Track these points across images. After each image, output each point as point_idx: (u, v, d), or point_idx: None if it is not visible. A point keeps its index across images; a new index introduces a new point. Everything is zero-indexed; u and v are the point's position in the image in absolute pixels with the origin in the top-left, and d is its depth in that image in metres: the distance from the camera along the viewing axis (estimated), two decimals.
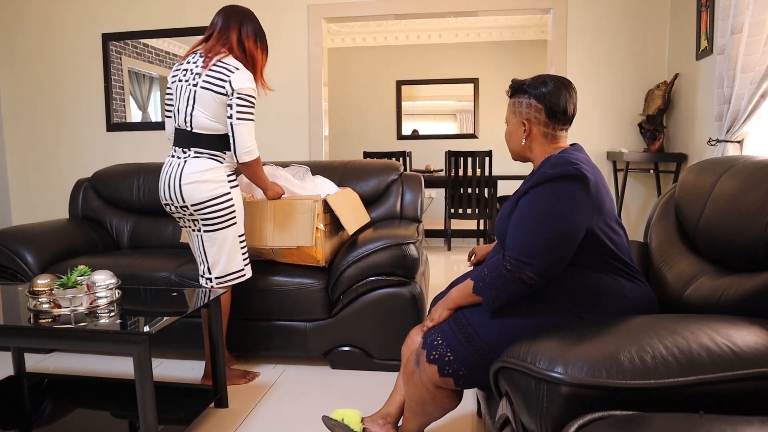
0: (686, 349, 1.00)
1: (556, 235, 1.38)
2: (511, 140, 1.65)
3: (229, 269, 2.35)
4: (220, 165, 2.30)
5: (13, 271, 2.84)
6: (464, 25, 7.49)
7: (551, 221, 1.39)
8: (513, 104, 1.63)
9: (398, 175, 3.23)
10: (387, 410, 1.86)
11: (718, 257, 1.51)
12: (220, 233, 2.30)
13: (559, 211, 1.39)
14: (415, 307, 2.55)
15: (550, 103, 1.55)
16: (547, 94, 1.55)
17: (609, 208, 1.50)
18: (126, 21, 4.52)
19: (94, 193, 3.49)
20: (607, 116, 4.12)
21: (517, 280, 1.39)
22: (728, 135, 2.77)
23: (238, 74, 2.22)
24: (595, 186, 1.44)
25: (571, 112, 1.59)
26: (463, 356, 1.46)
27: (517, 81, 1.62)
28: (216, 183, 2.27)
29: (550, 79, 1.58)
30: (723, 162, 1.66)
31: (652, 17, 4.00)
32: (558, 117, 1.57)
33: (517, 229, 1.44)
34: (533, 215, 1.42)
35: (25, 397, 2.25)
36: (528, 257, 1.38)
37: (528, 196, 1.46)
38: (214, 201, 2.26)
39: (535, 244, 1.38)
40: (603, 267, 1.47)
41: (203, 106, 2.24)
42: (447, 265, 5.10)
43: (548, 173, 1.43)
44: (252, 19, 2.37)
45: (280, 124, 4.45)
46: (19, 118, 4.77)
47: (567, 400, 0.99)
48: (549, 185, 1.42)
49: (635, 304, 1.46)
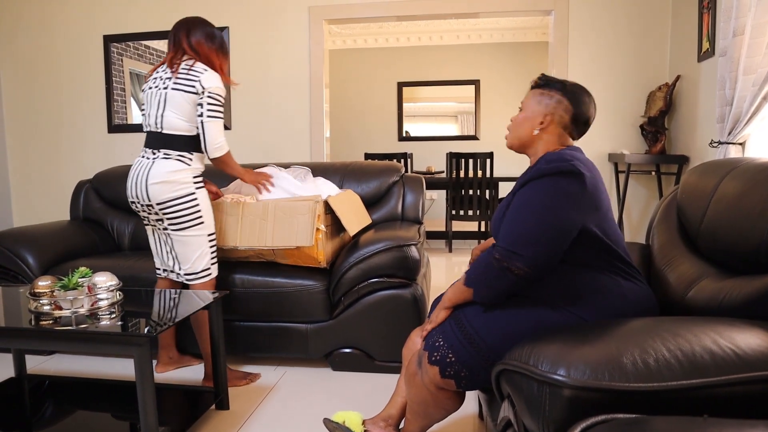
0: (689, 352, 1.00)
1: (548, 227, 1.38)
2: (521, 126, 1.63)
3: (194, 269, 2.41)
4: (187, 167, 2.37)
5: (14, 273, 2.84)
6: (465, 27, 7.49)
7: (544, 214, 1.39)
8: (539, 94, 1.62)
9: (399, 177, 3.23)
10: (388, 412, 1.85)
11: (721, 259, 1.51)
12: (186, 232, 2.37)
13: (553, 205, 1.39)
14: (416, 309, 2.54)
15: (580, 110, 1.58)
16: (582, 100, 1.58)
17: (606, 207, 1.50)
18: (127, 22, 4.53)
19: (96, 194, 3.49)
20: (608, 118, 4.12)
21: (505, 270, 1.39)
22: (730, 137, 2.76)
23: (208, 74, 2.32)
24: (592, 183, 1.44)
25: (588, 126, 1.63)
26: (465, 358, 1.46)
27: (551, 77, 1.64)
28: (181, 184, 2.34)
29: (586, 90, 1.61)
30: (725, 164, 1.66)
31: (654, 19, 4.00)
32: (579, 126, 1.60)
33: (509, 223, 1.44)
34: (526, 208, 1.42)
35: (26, 399, 2.25)
36: (517, 247, 1.38)
37: (523, 190, 1.47)
38: (179, 201, 2.34)
39: (526, 235, 1.38)
40: (601, 266, 1.47)
41: (174, 106, 2.32)
42: (448, 267, 5.10)
43: (543, 168, 1.44)
44: (197, 24, 2.44)
45: (281, 126, 4.45)
46: (20, 119, 4.77)
47: (569, 402, 0.98)
48: (544, 180, 1.43)
49: (635, 305, 1.46)
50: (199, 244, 2.39)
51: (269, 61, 4.41)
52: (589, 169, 1.46)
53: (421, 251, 2.65)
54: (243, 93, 4.46)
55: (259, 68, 4.43)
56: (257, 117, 4.47)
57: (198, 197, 2.38)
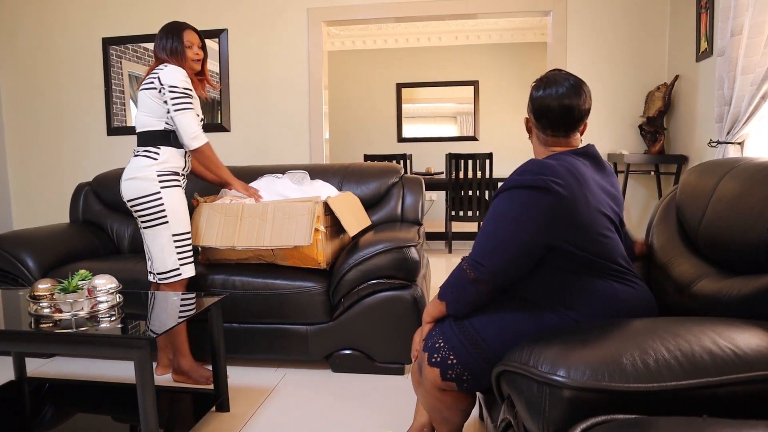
0: (689, 352, 1.00)
1: (508, 239, 1.37)
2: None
3: (164, 267, 2.43)
4: (153, 162, 2.41)
5: (14, 276, 2.84)
6: (464, 28, 7.49)
7: (507, 225, 1.38)
8: None
9: (399, 178, 3.23)
10: (419, 421, 1.82)
11: (720, 259, 1.51)
12: (152, 230, 2.42)
13: (515, 217, 1.37)
14: (416, 310, 2.54)
15: (536, 104, 1.52)
16: (535, 94, 1.53)
17: (589, 220, 1.40)
18: (126, 25, 4.53)
19: (95, 197, 3.49)
20: (607, 118, 4.12)
21: (472, 281, 1.40)
22: (729, 137, 2.77)
23: (166, 70, 2.39)
24: (569, 200, 1.36)
25: (572, 117, 1.49)
26: (467, 359, 1.44)
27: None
28: (147, 181, 2.39)
29: (543, 77, 1.54)
30: (724, 164, 1.66)
31: (652, 19, 4.00)
32: (545, 121, 1.52)
33: (480, 232, 1.45)
34: (492, 218, 1.42)
35: (26, 402, 2.25)
36: (481, 258, 1.39)
37: (495, 200, 1.46)
38: (143, 198, 2.39)
39: (489, 246, 1.39)
40: (592, 272, 1.42)
41: (142, 105, 2.44)
42: (448, 268, 5.09)
43: (515, 179, 1.41)
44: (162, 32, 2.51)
45: (280, 128, 4.45)
46: (20, 122, 4.77)
47: (569, 403, 0.98)
48: (513, 192, 1.40)
49: (630, 306, 1.43)
50: (163, 243, 2.41)
51: (268, 63, 4.41)
52: (568, 181, 1.37)
53: (420, 252, 2.65)
54: (242, 94, 4.47)
55: (258, 70, 4.43)
56: (256, 119, 4.47)
57: (163, 196, 2.40)
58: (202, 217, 2.61)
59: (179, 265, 2.44)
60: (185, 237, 2.47)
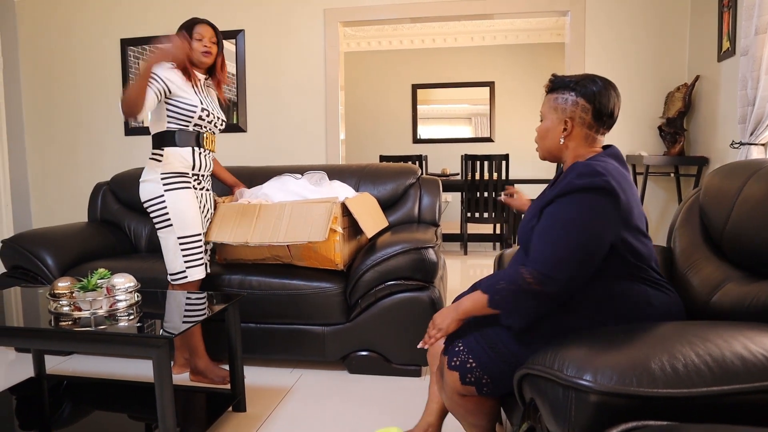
0: (719, 357, 0.98)
1: (579, 248, 1.32)
2: (546, 137, 1.56)
3: (172, 269, 2.46)
4: (158, 164, 2.43)
5: (33, 274, 2.87)
6: (480, 28, 7.46)
7: (575, 234, 1.33)
8: (554, 100, 1.53)
9: (416, 179, 3.21)
10: (427, 420, 1.80)
11: (746, 263, 1.48)
12: (162, 232, 2.44)
13: (584, 223, 1.33)
14: (433, 312, 2.52)
15: (600, 103, 1.48)
16: (597, 93, 1.48)
17: (637, 218, 1.42)
18: (144, 26, 4.56)
19: (113, 196, 3.52)
20: (626, 119, 4.07)
21: (538, 294, 1.33)
22: (752, 138, 2.72)
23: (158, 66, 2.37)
24: (624, 199, 1.37)
25: (616, 116, 1.52)
26: (486, 363, 1.42)
27: (560, 77, 1.55)
28: (153, 183, 2.42)
29: (599, 78, 1.51)
30: (749, 165, 1.63)
31: (672, 19, 3.95)
32: (604, 120, 1.50)
33: (539, 241, 1.38)
34: (557, 227, 1.36)
35: (45, 399, 2.26)
36: (550, 270, 1.32)
37: (553, 206, 1.40)
38: (150, 201, 2.43)
39: (558, 257, 1.32)
40: (627, 275, 1.41)
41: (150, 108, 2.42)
42: (463, 270, 5.07)
43: (575, 183, 1.36)
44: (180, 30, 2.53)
45: (296, 128, 4.46)
46: (40, 122, 4.83)
47: (596, 408, 0.96)
48: (575, 196, 1.35)
49: (661, 312, 1.40)
50: (170, 245, 2.43)
51: (285, 64, 4.42)
52: (620, 182, 1.38)
53: (438, 254, 2.63)
54: (258, 95, 4.48)
55: (274, 71, 4.44)
56: (272, 119, 4.48)
57: (167, 199, 2.40)
58: (218, 215, 2.62)
59: (185, 268, 2.44)
60: (193, 239, 2.44)
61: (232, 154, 4.48)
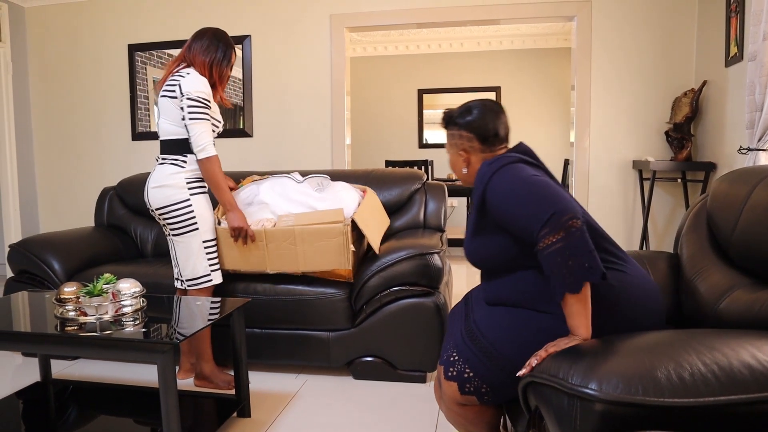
0: (726, 366, 0.96)
1: (543, 188, 1.33)
2: (456, 169, 1.65)
3: (194, 274, 2.44)
4: (181, 170, 2.41)
5: (40, 278, 2.88)
6: (486, 34, 7.46)
7: (527, 186, 1.36)
8: (449, 136, 1.63)
9: (422, 184, 3.21)
10: None
11: (755, 269, 1.46)
12: (184, 237, 2.42)
13: (523, 178, 1.38)
14: (439, 318, 2.52)
15: (480, 129, 1.56)
16: (473, 122, 1.57)
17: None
18: (151, 32, 4.59)
19: (119, 201, 3.53)
20: (632, 124, 4.06)
21: (577, 229, 1.23)
22: (760, 143, 2.70)
23: (188, 78, 2.38)
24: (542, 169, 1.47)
25: (503, 133, 1.59)
26: (483, 372, 1.40)
27: (448, 112, 1.64)
28: (176, 188, 2.39)
29: (475, 106, 1.59)
30: (757, 171, 1.62)
31: (679, 24, 3.94)
32: (491, 140, 1.57)
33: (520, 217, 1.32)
34: (511, 197, 1.36)
35: (50, 404, 2.27)
36: (552, 210, 1.25)
37: (488, 198, 1.42)
38: (174, 206, 2.39)
39: (542, 202, 1.29)
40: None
41: (164, 112, 2.42)
42: (468, 275, 5.05)
43: (488, 170, 1.45)
44: (206, 35, 2.48)
45: (302, 133, 4.47)
46: (47, 127, 4.86)
47: (601, 417, 0.95)
48: (493, 179, 1.42)
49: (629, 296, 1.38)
50: (194, 249, 2.42)
51: (291, 69, 4.43)
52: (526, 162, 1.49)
53: (443, 259, 2.63)
54: (264, 100, 4.49)
55: (280, 76, 4.45)
56: (279, 124, 4.49)
57: (193, 203, 2.41)
58: (220, 241, 2.52)
59: (210, 271, 2.46)
60: (214, 243, 2.49)
61: (238, 159, 4.50)
